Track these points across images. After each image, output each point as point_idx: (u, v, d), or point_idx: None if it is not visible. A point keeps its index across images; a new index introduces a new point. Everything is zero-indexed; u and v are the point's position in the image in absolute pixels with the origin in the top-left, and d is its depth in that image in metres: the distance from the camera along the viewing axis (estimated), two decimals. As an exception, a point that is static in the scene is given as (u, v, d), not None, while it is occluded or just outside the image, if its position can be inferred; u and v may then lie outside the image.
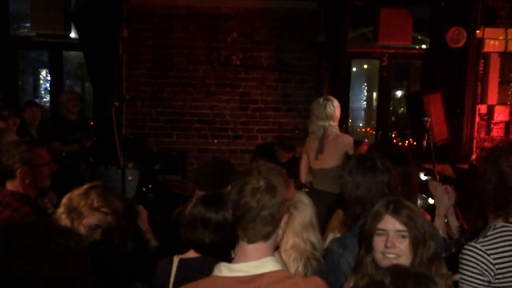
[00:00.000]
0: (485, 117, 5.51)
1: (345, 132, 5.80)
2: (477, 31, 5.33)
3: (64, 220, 2.07)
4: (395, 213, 1.78)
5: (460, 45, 5.30)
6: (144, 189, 4.97)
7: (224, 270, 1.50)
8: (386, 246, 1.75)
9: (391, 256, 1.76)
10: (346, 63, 5.83)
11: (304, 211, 2.14)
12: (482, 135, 5.48)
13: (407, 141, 5.71)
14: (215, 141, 6.06)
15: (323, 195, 3.71)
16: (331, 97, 4.13)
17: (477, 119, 5.49)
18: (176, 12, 5.91)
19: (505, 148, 2.11)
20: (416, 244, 1.77)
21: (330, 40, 5.72)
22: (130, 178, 3.97)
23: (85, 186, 2.16)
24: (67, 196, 2.16)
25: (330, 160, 3.96)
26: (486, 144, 5.29)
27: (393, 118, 7.12)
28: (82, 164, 4.83)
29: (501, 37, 5.35)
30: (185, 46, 5.95)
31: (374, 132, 6.92)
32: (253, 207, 1.46)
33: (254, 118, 6.07)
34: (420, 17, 5.92)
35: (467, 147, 5.43)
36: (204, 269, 1.65)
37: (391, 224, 1.78)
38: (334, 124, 4.02)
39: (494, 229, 2.04)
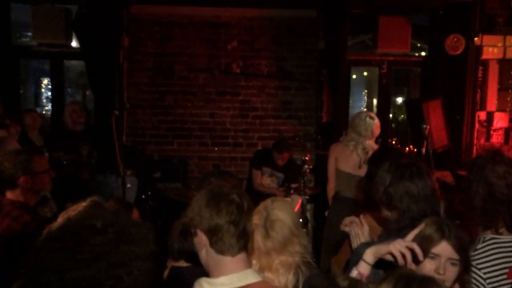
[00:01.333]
0: (485, 124, 5.52)
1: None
2: (476, 38, 5.36)
3: None
4: (450, 238, 1.73)
5: (459, 52, 5.33)
6: (144, 196, 4.98)
7: (205, 285, 1.53)
8: (437, 272, 1.69)
9: None
10: (346, 71, 5.85)
11: (281, 228, 2.05)
12: (482, 141, 5.49)
13: (407, 148, 5.71)
14: (216, 148, 6.07)
15: (357, 204, 3.59)
16: (373, 115, 4.14)
17: (477, 125, 5.49)
18: (176, 21, 5.95)
19: (489, 158, 2.07)
20: (462, 273, 1.75)
21: (330, 48, 5.75)
22: (129, 185, 3.98)
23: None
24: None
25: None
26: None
27: (393, 125, 7.13)
28: (83, 173, 4.85)
29: (499, 44, 5.37)
30: (185, 54, 5.99)
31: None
32: (232, 224, 1.53)
33: (254, 126, 6.10)
34: (419, 24, 5.95)
35: (467, 153, 5.44)
36: (194, 278, 1.68)
37: (446, 250, 1.73)
38: (370, 142, 4.05)
39: (483, 241, 2.00)
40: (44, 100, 8.37)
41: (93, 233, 1.10)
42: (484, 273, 1.92)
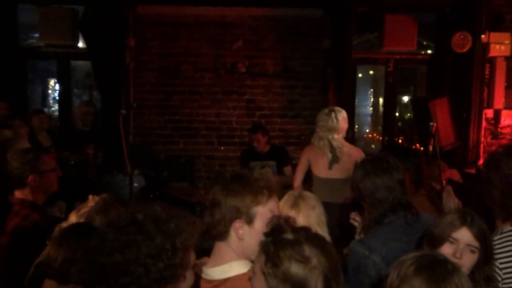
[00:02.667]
0: (492, 122, 5.49)
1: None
2: (483, 36, 5.33)
3: None
4: (472, 226, 1.79)
5: (466, 50, 5.30)
6: (152, 195, 5.00)
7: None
8: (454, 256, 1.74)
9: None
10: (352, 69, 5.84)
11: (308, 213, 2.17)
12: (489, 139, 5.46)
13: (414, 146, 5.70)
14: (222, 148, 6.08)
15: (334, 207, 3.52)
16: (337, 108, 4.02)
17: (484, 123, 5.47)
18: (182, 21, 5.97)
19: (504, 152, 2.15)
20: (481, 261, 1.78)
21: (335, 47, 5.74)
22: (136, 184, 3.99)
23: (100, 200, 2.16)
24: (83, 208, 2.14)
25: (340, 171, 3.85)
26: (493, 149, 5.26)
27: (399, 124, 7.10)
28: (90, 172, 4.88)
29: (506, 42, 5.33)
30: (191, 54, 6.01)
31: (380, 138, 6.91)
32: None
33: (261, 125, 6.10)
34: (425, 22, 5.92)
35: (474, 151, 5.42)
36: None
37: (466, 236, 1.78)
38: (339, 137, 3.93)
39: (501, 233, 2.05)
40: (51, 101, 8.42)
41: (133, 224, 1.25)
42: (500, 263, 1.95)
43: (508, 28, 5.39)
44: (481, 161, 5.24)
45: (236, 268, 1.55)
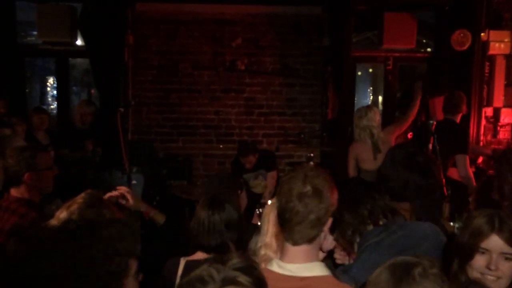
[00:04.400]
0: (492, 120, 5.47)
1: (350, 137, 5.82)
2: (482, 34, 5.31)
3: None
4: (501, 231, 1.61)
5: (465, 48, 5.28)
6: (151, 192, 4.99)
7: (275, 265, 1.58)
8: (488, 268, 1.60)
9: (492, 278, 1.61)
10: (351, 67, 5.82)
11: None
12: (489, 137, 5.44)
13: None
14: (221, 146, 6.07)
15: None
16: (369, 106, 4.43)
17: (483, 121, 5.45)
18: (181, 19, 5.95)
19: None
20: None
21: (335, 45, 5.73)
22: (134, 182, 3.98)
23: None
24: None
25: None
26: (493, 147, 5.25)
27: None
28: (88, 170, 4.87)
29: (506, 40, 5.31)
30: (190, 52, 5.99)
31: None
32: (301, 211, 1.52)
33: (259, 123, 6.09)
34: (425, 20, 5.90)
35: (473, 150, 5.40)
36: None
37: (497, 245, 1.62)
38: (377, 129, 4.29)
39: None
40: (50, 99, 8.41)
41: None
42: None
43: (507, 26, 5.37)
44: (480, 159, 5.23)
45: (318, 268, 1.57)
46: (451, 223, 3.20)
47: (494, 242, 1.62)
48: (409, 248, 1.78)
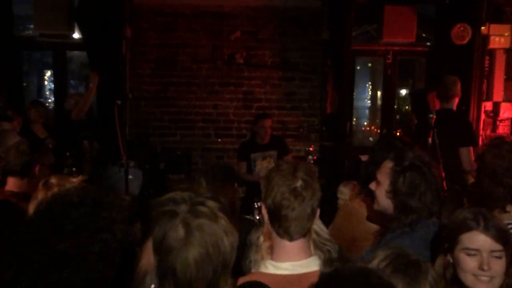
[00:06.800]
0: (491, 114, 5.45)
1: (349, 132, 5.80)
2: (482, 28, 5.28)
3: None
4: (487, 229, 1.59)
5: (465, 41, 5.25)
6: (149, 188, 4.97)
7: (270, 267, 1.54)
8: (481, 269, 1.57)
9: (485, 279, 1.59)
10: (350, 61, 5.79)
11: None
12: (488, 132, 5.43)
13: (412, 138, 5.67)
14: (219, 140, 6.05)
15: None
16: None
17: (483, 116, 5.43)
18: (179, 12, 5.90)
19: (492, 144, 2.31)
20: (510, 263, 1.61)
21: (334, 38, 5.69)
22: (130, 177, 3.95)
23: None
24: None
25: None
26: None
27: (397, 117, 7.07)
28: (85, 164, 4.83)
29: (506, 34, 5.29)
30: (188, 45, 5.95)
31: (378, 131, 6.88)
32: (297, 207, 1.50)
33: (257, 117, 6.05)
34: (425, 14, 5.87)
35: (473, 144, 5.37)
36: None
37: (486, 243, 1.59)
38: None
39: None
40: (48, 92, 8.36)
41: (73, 207, 1.19)
42: None
43: (508, 20, 5.34)
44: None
45: (314, 263, 1.55)
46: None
47: (483, 241, 1.59)
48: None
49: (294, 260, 1.52)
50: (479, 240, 1.60)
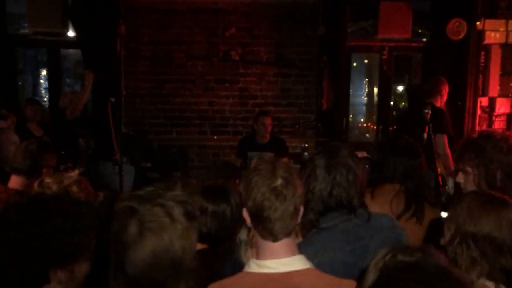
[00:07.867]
0: (487, 110, 5.46)
1: (345, 128, 5.79)
2: (478, 23, 5.28)
3: None
4: None
5: (461, 37, 5.25)
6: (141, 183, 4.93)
7: (252, 266, 1.51)
8: None
9: None
10: (346, 57, 5.78)
11: None
12: (484, 127, 5.43)
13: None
14: (215, 137, 6.03)
15: None
16: None
17: (479, 111, 5.44)
18: (174, 8, 5.87)
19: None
20: None
21: (330, 34, 5.67)
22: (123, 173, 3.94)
23: None
24: None
25: None
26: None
27: (394, 113, 7.07)
28: (81, 162, 4.81)
29: (502, 29, 5.29)
30: (183, 42, 5.92)
31: (375, 128, 6.87)
32: (279, 207, 1.45)
33: (254, 114, 5.98)
34: (420, 9, 5.86)
35: (469, 140, 5.38)
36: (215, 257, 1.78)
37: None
38: None
39: None
40: (43, 91, 8.32)
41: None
42: None
43: (503, 15, 5.34)
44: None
45: (299, 261, 1.51)
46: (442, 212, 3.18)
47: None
48: (361, 238, 1.78)
49: (277, 258, 1.49)
50: None
